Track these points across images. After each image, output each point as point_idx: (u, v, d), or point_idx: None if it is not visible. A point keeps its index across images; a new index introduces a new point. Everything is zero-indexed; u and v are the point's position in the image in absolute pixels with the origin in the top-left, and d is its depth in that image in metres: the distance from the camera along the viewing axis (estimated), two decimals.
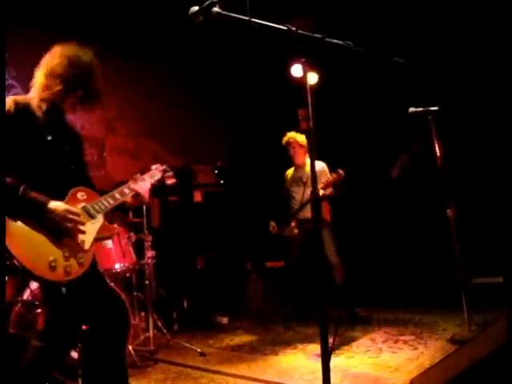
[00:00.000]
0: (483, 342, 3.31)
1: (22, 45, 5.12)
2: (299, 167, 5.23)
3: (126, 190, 2.55)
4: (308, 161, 5.00)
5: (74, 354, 3.29)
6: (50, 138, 2.31)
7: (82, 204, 2.33)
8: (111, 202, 2.45)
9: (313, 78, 6.35)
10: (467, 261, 3.95)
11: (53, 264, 2.09)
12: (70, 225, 2.18)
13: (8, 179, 2.09)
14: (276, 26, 1.79)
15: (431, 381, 2.87)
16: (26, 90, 5.13)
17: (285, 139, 5.20)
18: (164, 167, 2.91)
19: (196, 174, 5.55)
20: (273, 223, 5.25)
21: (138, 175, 2.69)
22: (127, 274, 4.25)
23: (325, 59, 2.09)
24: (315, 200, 1.93)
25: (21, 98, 2.34)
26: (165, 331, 4.37)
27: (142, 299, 4.40)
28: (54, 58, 2.41)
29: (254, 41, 5.46)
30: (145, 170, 2.83)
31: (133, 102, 5.89)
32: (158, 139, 6.25)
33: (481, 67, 5.21)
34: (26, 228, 2.09)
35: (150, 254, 4.33)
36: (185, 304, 5.33)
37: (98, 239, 2.37)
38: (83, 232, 2.25)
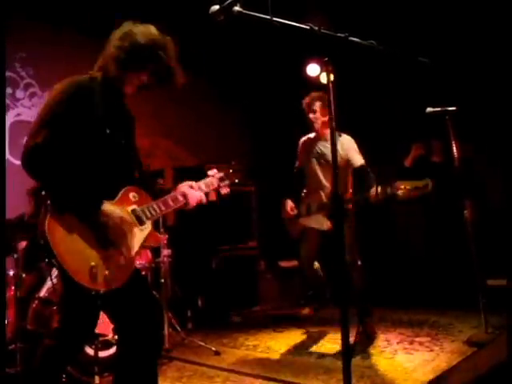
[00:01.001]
0: (501, 344, 3.28)
1: (40, 44, 5.17)
2: (321, 138, 4.24)
3: (180, 198, 2.38)
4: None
5: (90, 351, 3.32)
6: (108, 131, 2.18)
7: (133, 206, 2.23)
8: (163, 208, 2.32)
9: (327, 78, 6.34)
10: (483, 262, 3.91)
11: (94, 270, 2.02)
12: (119, 234, 2.10)
13: (63, 171, 2.03)
14: (298, 25, 1.78)
15: (448, 383, 2.85)
16: (44, 88, 5.22)
17: (306, 99, 4.26)
18: (221, 175, 2.68)
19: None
20: (290, 203, 4.30)
21: (193, 182, 2.49)
22: (143, 272, 4.26)
23: (344, 58, 2.07)
24: (334, 199, 1.85)
25: (84, 77, 2.20)
26: (179, 329, 4.39)
27: (157, 297, 4.41)
28: (116, 38, 2.23)
29: (270, 39, 5.45)
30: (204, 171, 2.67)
31: (147, 101, 5.90)
32: (173, 138, 6.25)
33: (498, 67, 5.16)
34: (73, 229, 2.03)
35: (165, 252, 4.34)
36: (199, 303, 5.34)
37: (143, 247, 2.28)
38: (129, 248, 2.16)
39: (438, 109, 4.07)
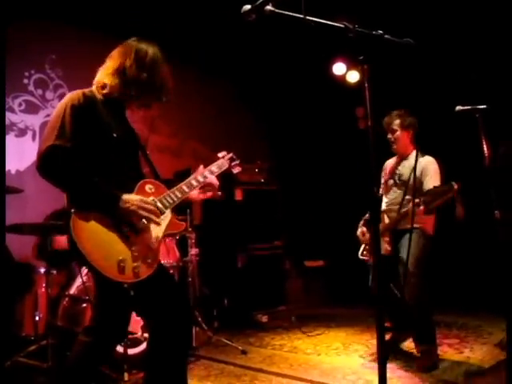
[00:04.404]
0: None
1: (70, 47, 5.25)
2: (401, 159, 4.00)
3: (194, 182, 2.44)
4: (414, 153, 3.92)
5: (119, 348, 3.36)
6: (115, 135, 2.25)
7: (151, 198, 2.25)
8: (179, 195, 2.36)
9: (354, 76, 6.31)
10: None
11: (121, 264, 2.05)
12: (145, 214, 2.13)
13: (80, 170, 2.08)
14: (332, 23, 1.76)
15: None
16: (72, 89, 5.28)
17: (385, 119, 4.04)
18: (230, 155, 2.74)
19: (237, 173, 5.55)
20: (361, 228, 4.07)
21: (202, 166, 2.56)
22: (170, 271, 4.29)
23: (377, 57, 2.05)
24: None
25: (87, 91, 2.28)
26: (205, 328, 4.41)
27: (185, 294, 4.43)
28: (116, 55, 2.34)
29: (293, 39, 5.43)
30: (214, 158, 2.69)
31: (175, 102, 5.94)
32: (200, 139, 6.32)
33: None
34: (98, 227, 2.06)
35: (193, 251, 4.37)
36: (225, 302, 5.35)
37: (166, 235, 2.31)
38: (158, 223, 2.20)
39: (468, 107, 3.99)
